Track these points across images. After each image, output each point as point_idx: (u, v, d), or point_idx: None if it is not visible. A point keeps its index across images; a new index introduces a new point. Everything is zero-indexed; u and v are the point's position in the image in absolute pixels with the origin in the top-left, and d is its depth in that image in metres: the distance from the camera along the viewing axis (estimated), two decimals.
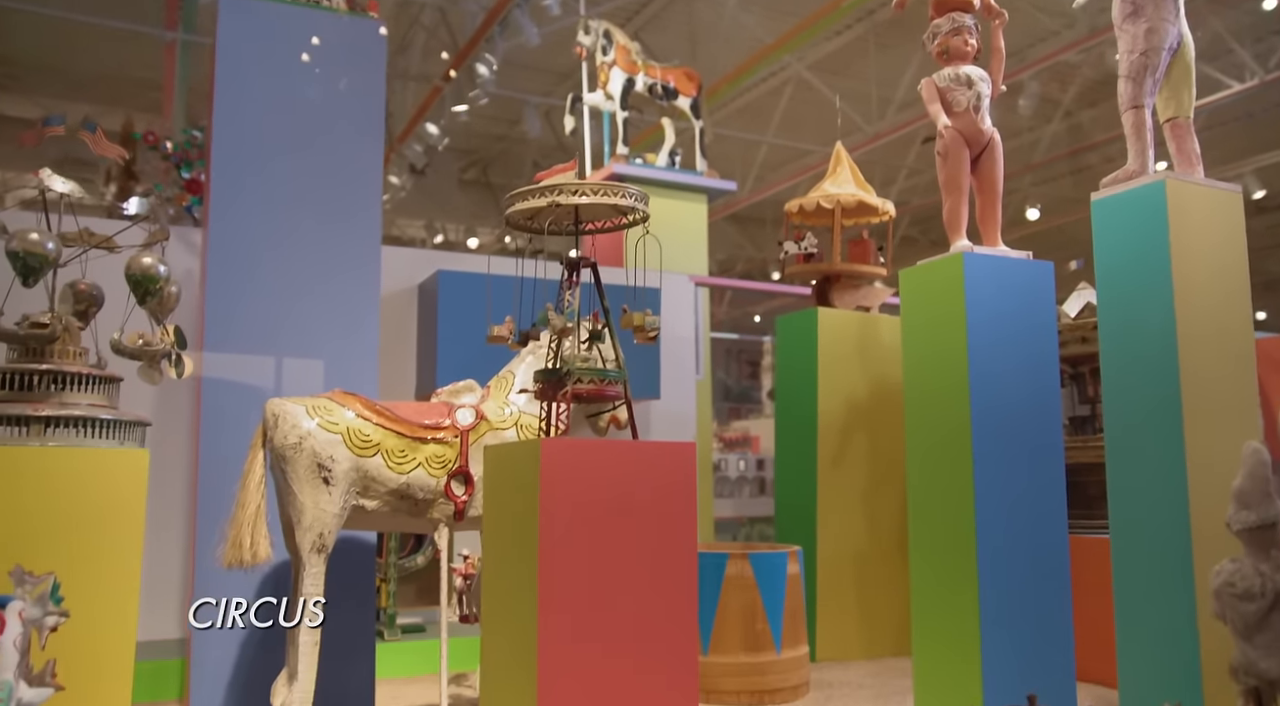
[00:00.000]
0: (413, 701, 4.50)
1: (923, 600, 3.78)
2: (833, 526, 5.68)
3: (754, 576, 4.56)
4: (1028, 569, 3.65)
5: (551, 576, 2.39)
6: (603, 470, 2.49)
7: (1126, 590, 4.03)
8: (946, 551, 3.68)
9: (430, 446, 3.37)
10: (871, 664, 5.43)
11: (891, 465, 5.87)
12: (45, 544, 2.73)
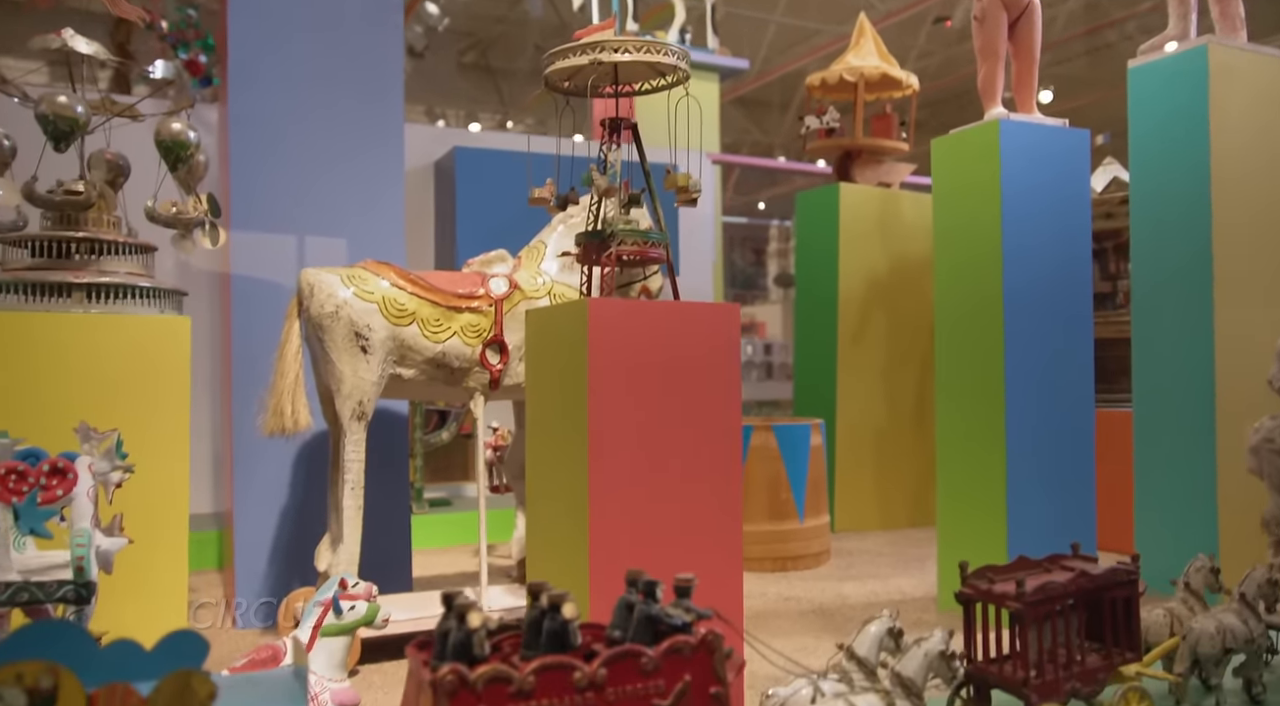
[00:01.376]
0: (445, 570, 4.63)
1: (949, 466, 3.84)
2: (852, 402, 5.74)
3: (778, 447, 4.63)
4: (1054, 436, 3.69)
5: (601, 435, 2.42)
6: (649, 329, 2.50)
7: (1147, 458, 4.10)
8: (974, 418, 3.72)
9: (465, 315, 3.37)
10: (888, 534, 5.56)
11: (911, 342, 5.91)
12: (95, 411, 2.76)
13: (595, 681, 1.49)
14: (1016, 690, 1.99)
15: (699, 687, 1.58)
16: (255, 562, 3.77)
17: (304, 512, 3.82)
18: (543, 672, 1.46)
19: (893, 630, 1.89)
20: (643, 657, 1.53)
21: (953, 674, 1.85)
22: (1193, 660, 2.23)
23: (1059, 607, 2.04)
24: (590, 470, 2.45)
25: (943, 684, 1.91)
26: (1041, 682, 1.98)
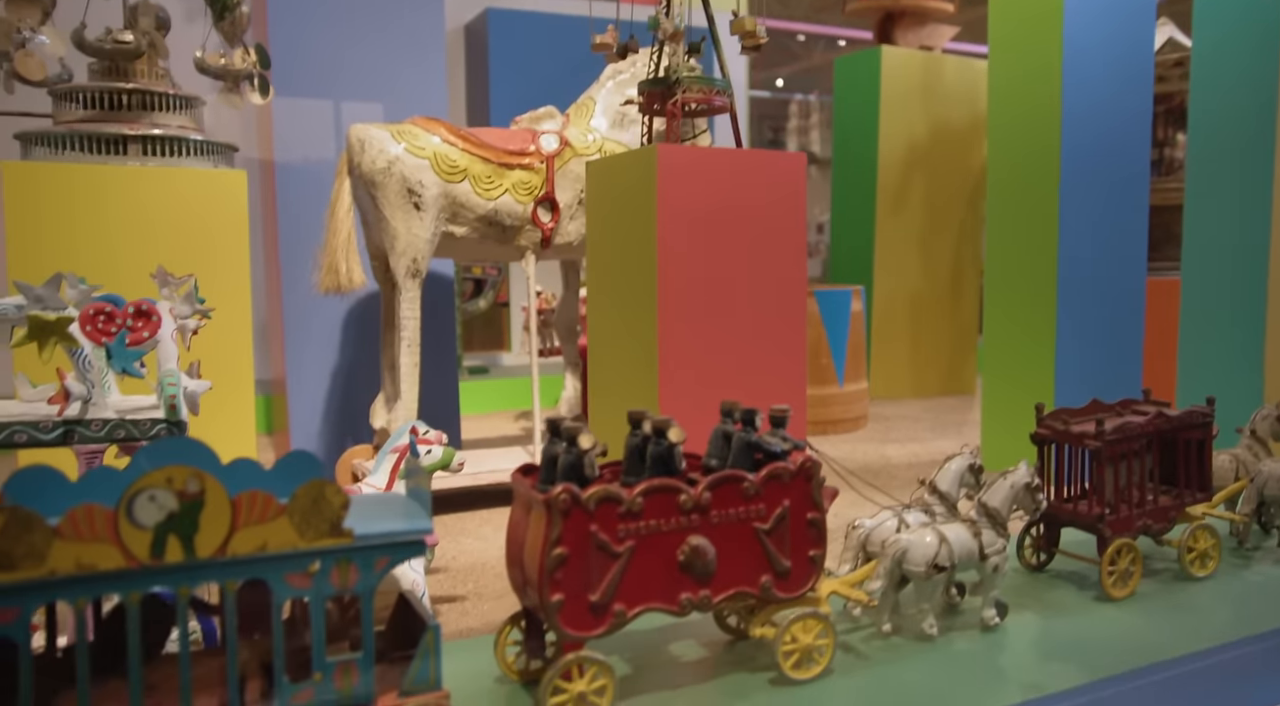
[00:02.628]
0: (488, 434, 4.69)
1: (996, 325, 3.82)
2: (889, 270, 5.71)
3: (819, 312, 4.63)
4: (1105, 297, 3.67)
5: (669, 280, 2.41)
6: (717, 176, 2.47)
7: (1193, 325, 4.08)
8: (1025, 278, 3.69)
9: (516, 173, 3.33)
10: (922, 401, 5.61)
11: (949, 210, 5.83)
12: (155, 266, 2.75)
13: (700, 504, 1.52)
14: (1091, 526, 2.02)
15: (797, 513, 1.61)
16: (309, 424, 3.82)
17: (356, 374, 3.85)
18: (650, 494, 1.49)
19: (973, 466, 1.92)
20: (744, 482, 1.56)
21: (1036, 505, 1.89)
22: (1258, 501, 2.27)
23: (1135, 447, 2.06)
24: (659, 316, 2.45)
25: (1024, 515, 1.94)
26: (1115, 519, 2.02)
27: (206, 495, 1.17)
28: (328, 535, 1.23)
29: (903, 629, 1.82)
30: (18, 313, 1.87)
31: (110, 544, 1.13)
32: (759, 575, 1.59)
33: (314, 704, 1.25)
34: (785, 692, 1.59)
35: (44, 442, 1.86)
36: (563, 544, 1.43)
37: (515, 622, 1.62)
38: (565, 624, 1.44)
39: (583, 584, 1.45)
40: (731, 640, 1.80)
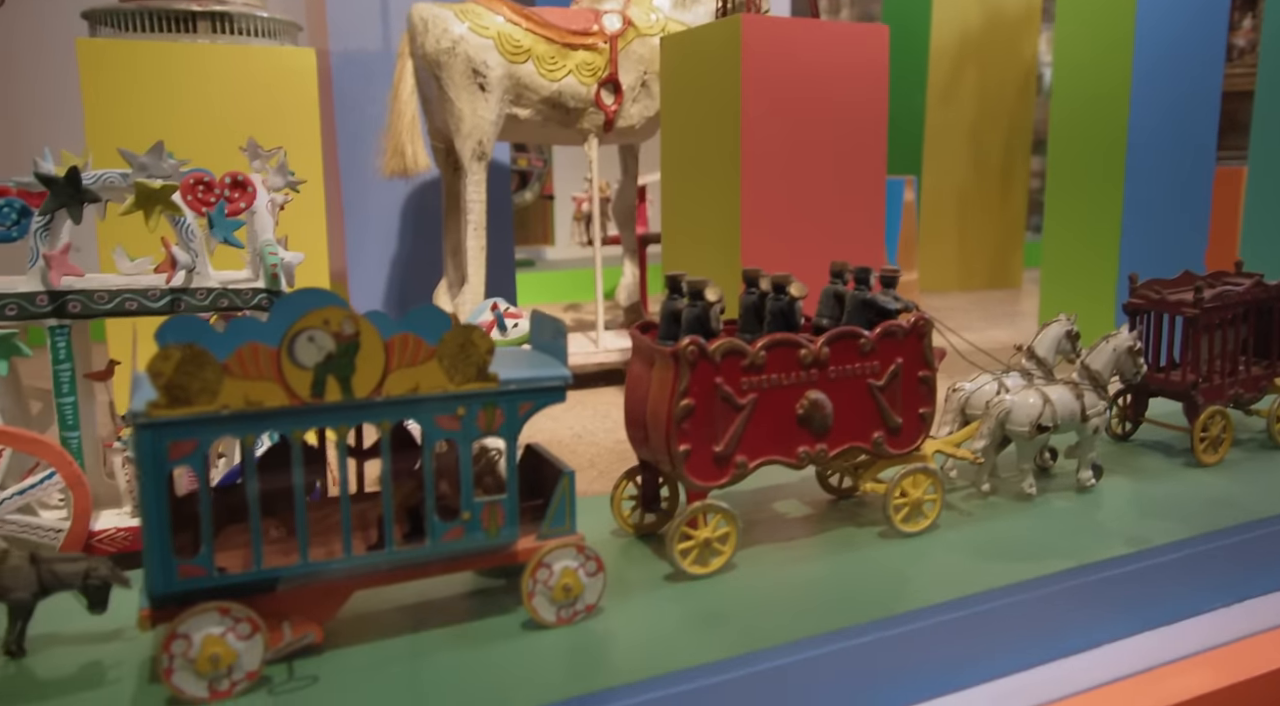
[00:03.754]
0: None
1: (1058, 207, 3.78)
2: (938, 162, 5.63)
3: None
4: (1172, 181, 3.62)
5: (752, 149, 2.39)
6: (800, 46, 2.42)
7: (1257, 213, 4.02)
8: (1092, 158, 3.63)
9: (580, 53, 3.28)
10: (968, 294, 5.59)
11: (1000, 101, 5.72)
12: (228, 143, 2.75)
13: (819, 359, 1.54)
14: (1183, 394, 2.04)
15: (909, 371, 1.63)
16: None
17: (415, 260, 3.87)
18: (772, 348, 1.51)
19: (1070, 333, 1.92)
20: (861, 339, 1.57)
21: (1137, 369, 1.90)
22: None
23: (1230, 316, 2.05)
24: (742, 185, 2.44)
25: (1122, 379, 1.95)
26: (1209, 387, 2.03)
27: (361, 337, 1.19)
28: (475, 379, 1.26)
29: (999, 490, 1.86)
30: (124, 181, 1.88)
31: (274, 382, 1.16)
32: (872, 430, 1.61)
33: (462, 542, 1.29)
34: (895, 544, 1.63)
35: (153, 310, 1.89)
36: (690, 395, 1.45)
37: (630, 478, 1.66)
38: (691, 473, 1.48)
39: (708, 435, 1.48)
40: (833, 499, 1.84)
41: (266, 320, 1.27)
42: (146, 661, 1.27)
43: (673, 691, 1.22)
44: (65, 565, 1.26)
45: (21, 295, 1.78)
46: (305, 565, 1.22)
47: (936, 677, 1.41)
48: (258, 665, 1.19)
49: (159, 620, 1.17)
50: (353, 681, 1.21)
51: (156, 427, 1.11)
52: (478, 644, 1.30)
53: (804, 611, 1.40)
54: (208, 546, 1.17)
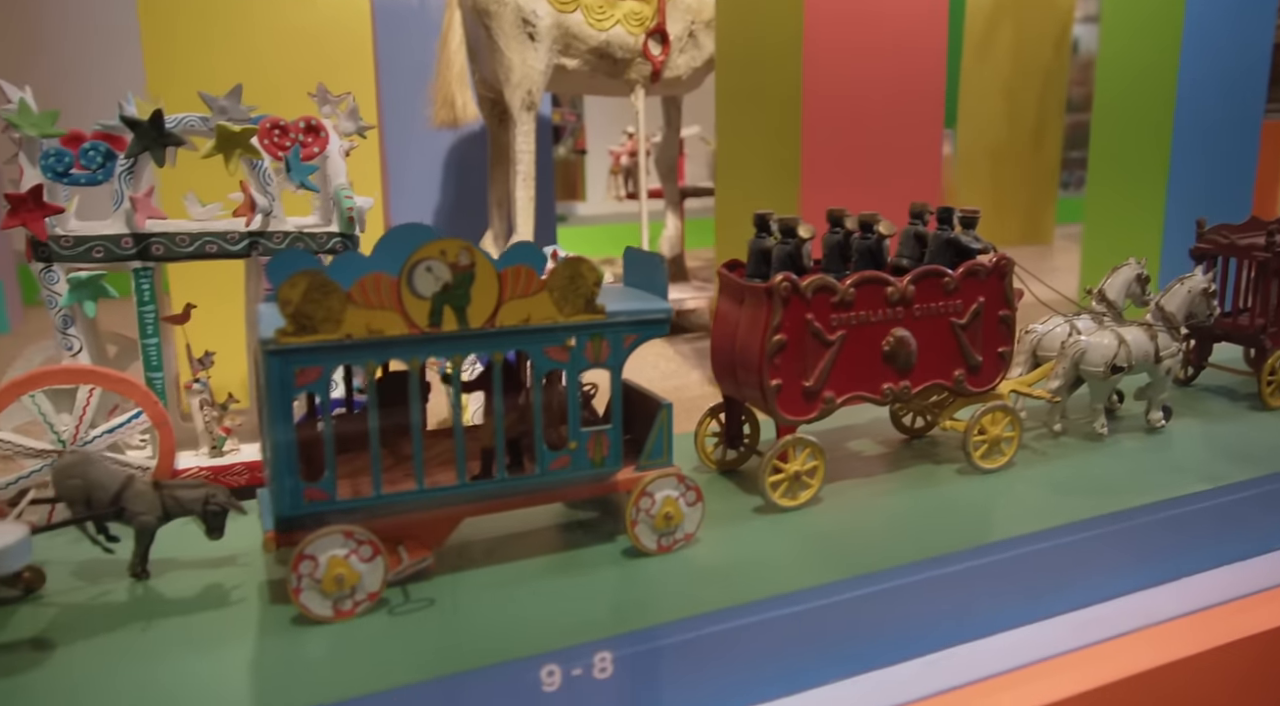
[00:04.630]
0: None
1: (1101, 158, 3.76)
2: (972, 118, 5.60)
3: None
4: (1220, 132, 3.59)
5: (815, 91, 2.39)
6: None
7: None
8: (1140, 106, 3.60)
9: (628, 3, 3.27)
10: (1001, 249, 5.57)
11: (1036, 55, 5.67)
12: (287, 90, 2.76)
13: (905, 297, 1.56)
14: (1252, 338, 2.05)
15: (990, 310, 1.64)
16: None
17: (459, 211, 3.88)
18: (861, 286, 1.53)
19: (1140, 276, 1.93)
20: (945, 278, 1.59)
21: (1210, 311, 1.91)
22: None
23: None
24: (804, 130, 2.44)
25: (1194, 321, 1.96)
26: (1277, 331, 2.04)
27: (477, 268, 1.21)
28: (583, 311, 1.28)
29: (1068, 430, 1.88)
30: (203, 125, 1.89)
31: (394, 311, 1.19)
32: (953, 368, 1.63)
33: (569, 471, 1.32)
34: (975, 480, 1.65)
35: (231, 253, 1.91)
36: (782, 330, 1.48)
37: (714, 415, 1.69)
38: (781, 408, 1.50)
39: (798, 370, 1.51)
40: (906, 439, 1.87)
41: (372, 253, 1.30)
42: (263, 585, 1.31)
43: (779, 613, 1.26)
44: (187, 491, 1.30)
45: (107, 238, 1.81)
46: (421, 491, 1.26)
47: (1023, 607, 1.45)
48: (379, 586, 1.22)
49: (283, 543, 1.21)
50: (466, 604, 1.25)
51: (284, 354, 1.14)
52: (583, 570, 1.34)
53: (895, 541, 1.43)
54: (331, 471, 1.20)
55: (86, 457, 1.30)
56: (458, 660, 1.11)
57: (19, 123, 1.75)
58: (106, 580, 1.32)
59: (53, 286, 1.79)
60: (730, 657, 1.24)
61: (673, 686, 1.21)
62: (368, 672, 1.09)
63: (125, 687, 1.07)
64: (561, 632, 1.17)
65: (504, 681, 1.12)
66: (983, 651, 1.39)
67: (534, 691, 1.13)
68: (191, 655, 1.13)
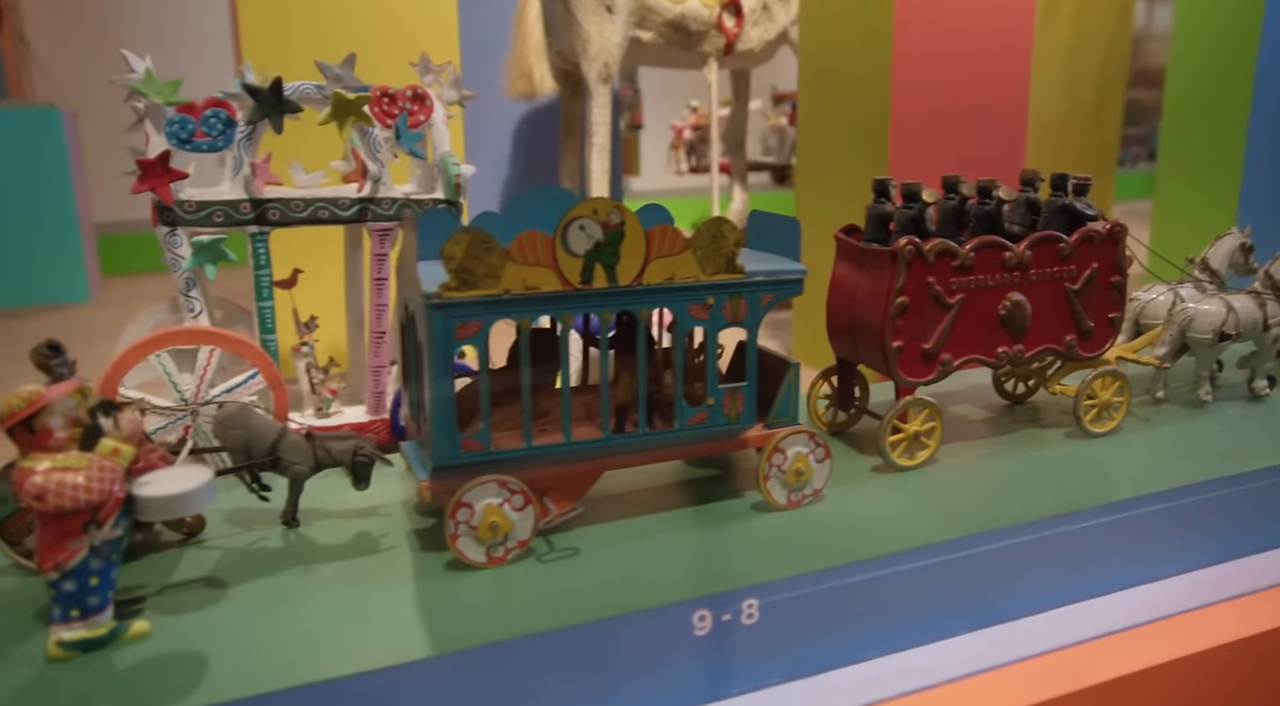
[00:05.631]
0: None
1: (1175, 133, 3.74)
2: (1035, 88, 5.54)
3: None
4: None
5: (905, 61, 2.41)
6: None
7: None
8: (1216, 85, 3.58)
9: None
10: None
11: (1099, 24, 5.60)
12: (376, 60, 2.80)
13: (1022, 261, 1.57)
14: None
15: (1102, 275, 1.66)
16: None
17: (529, 181, 3.92)
18: (980, 250, 1.55)
19: (1244, 245, 1.94)
20: (1061, 243, 1.61)
21: None
22: None
23: None
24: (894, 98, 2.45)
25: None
26: None
27: (626, 226, 1.25)
28: (724, 270, 1.32)
29: (1170, 397, 1.90)
30: (318, 93, 1.94)
31: (549, 268, 1.23)
32: (1065, 333, 1.65)
33: (706, 426, 1.36)
34: (1084, 444, 1.68)
35: (343, 219, 1.96)
36: (905, 293, 1.50)
37: (826, 378, 1.72)
38: (902, 369, 1.53)
39: (918, 332, 1.53)
40: (1008, 404, 1.89)
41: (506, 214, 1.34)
42: (410, 533, 1.36)
43: (911, 567, 1.29)
44: (337, 443, 1.35)
45: (227, 203, 1.86)
46: (569, 444, 1.30)
47: (1141, 566, 1.48)
48: (529, 535, 1.27)
49: (438, 492, 1.25)
50: (608, 554, 1.29)
51: (447, 308, 1.19)
52: (716, 523, 1.38)
53: (1012, 500, 1.46)
54: (486, 423, 1.25)
55: (246, 409, 1.36)
56: (606, 606, 1.15)
57: (145, 91, 1.80)
58: (259, 527, 1.38)
59: (176, 250, 1.84)
60: (864, 608, 1.27)
61: (811, 634, 1.25)
62: (525, 615, 1.14)
63: (299, 623, 1.12)
64: (700, 582, 1.21)
65: (658, 625, 1.16)
66: (1100, 609, 1.43)
67: (686, 635, 1.18)
68: (355, 596, 1.18)
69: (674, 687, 1.18)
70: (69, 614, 1.05)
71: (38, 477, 1.00)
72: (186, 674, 1.01)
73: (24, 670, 1.02)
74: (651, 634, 1.16)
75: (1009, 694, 1.25)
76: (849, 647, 1.27)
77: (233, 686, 0.99)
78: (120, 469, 1.06)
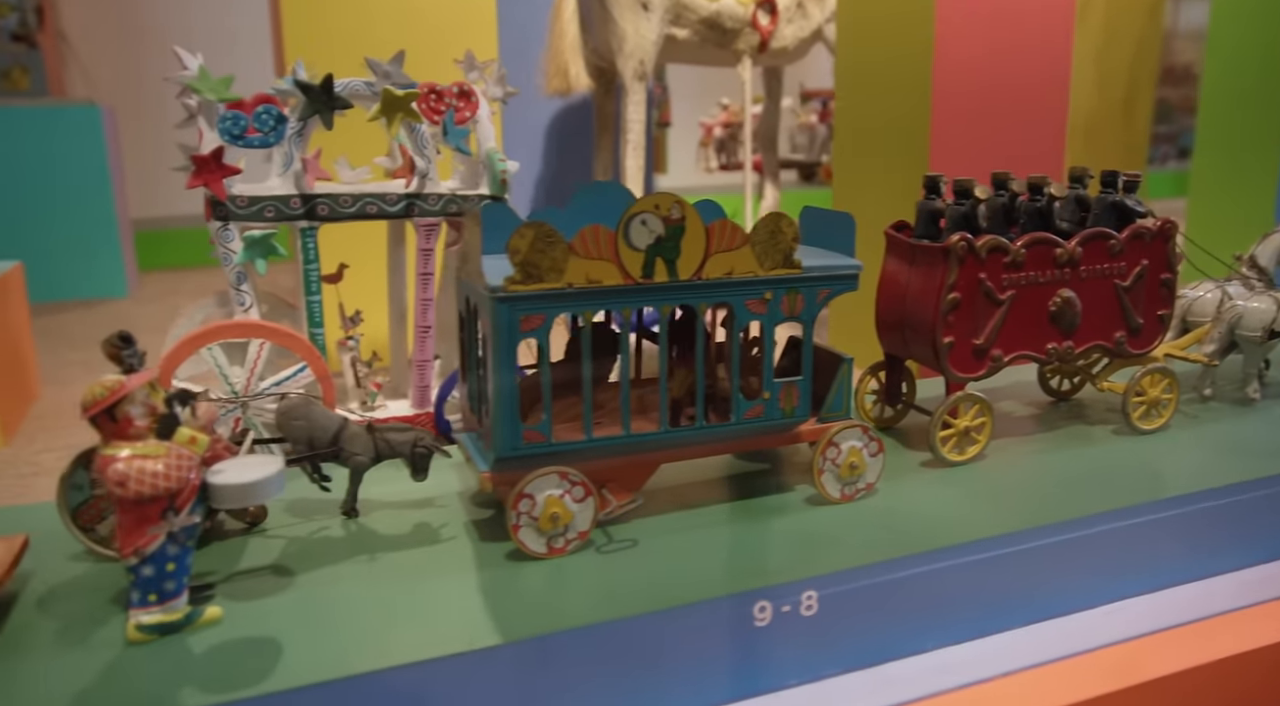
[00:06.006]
0: None
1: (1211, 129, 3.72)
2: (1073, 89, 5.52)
3: None
4: None
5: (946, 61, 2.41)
6: None
7: None
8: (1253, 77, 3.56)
9: None
10: None
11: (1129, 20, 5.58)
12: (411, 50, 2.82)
13: (1073, 258, 1.58)
14: None
15: (1152, 273, 1.66)
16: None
17: (564, 180, 3.94)
18: (1032, 246, 1.55)
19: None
20: (1111, 240, 1.61)
21: None
22: None
23: None
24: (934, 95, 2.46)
25: None
26: None
27: (687, 221, 1.26)
28: (782, 265, 1.33)
29: (1217, 395, 1.89)
30: (367, 89, 1.96)
31: (611, 262, 1.24)
32: (1115, 330, 1.66)
33: (761, 420, 1.37)
34: (1132, 441, 1.68)
35: (390, 214, 1.98)
36: (957, 289, 1.51)
37: (874, 374, 1.73)
38: (953, 365, 1.54)
39: (969, 328, 1.54)
40: (1053, 401, 1.90)
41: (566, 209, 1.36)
42: (468, 524, 1.38)
43: (964, 561, 1.30)
44: (397, 434, 1.37)
45: (278, 198, 1.88)
46: (627, 436, 1.31)
47: (1191, 564, 1.48)
48: (589, 526, 1.29)
49: (498, 483, 1.27)
50: (665, 545, 1.30)
51: (512, 301, 1.20)
52: (768, 516, 1.39)
53: (1064, 495, 1.46)
54: (548, 414, 1.26)
55: (308, 400, 1.38)
56: (667, 597, 1.17)
57: (199, 87, 1.83)
58: (319, 517, 1.40)
59: (228, 244, 1.86)
60: (921, 601, 1.28)
61: (869, 626, 1.26)
62: (586, 606, 1.15)
63: (366, 610, 1.14)
64: (759, 573, 1.22)
65: (719, 615, 1.18)
66: (1151, 606, 1.43)
67: (746, 625, 1.19)
68: (419, 585, 1.20)
69: (733, 678, 1.20)
70: (147, 598, 1.07)
71: (120, 464, 1.02)
72: (261, 658, 1.03)
73: (106, 652, 1.05)
74: (713, 624, 1.18)
75: (1065, 688, 1.26)
76: (906, 639, 1.28)
77: (307, 671, 1.01)
78: (197, 457, 1.08)
